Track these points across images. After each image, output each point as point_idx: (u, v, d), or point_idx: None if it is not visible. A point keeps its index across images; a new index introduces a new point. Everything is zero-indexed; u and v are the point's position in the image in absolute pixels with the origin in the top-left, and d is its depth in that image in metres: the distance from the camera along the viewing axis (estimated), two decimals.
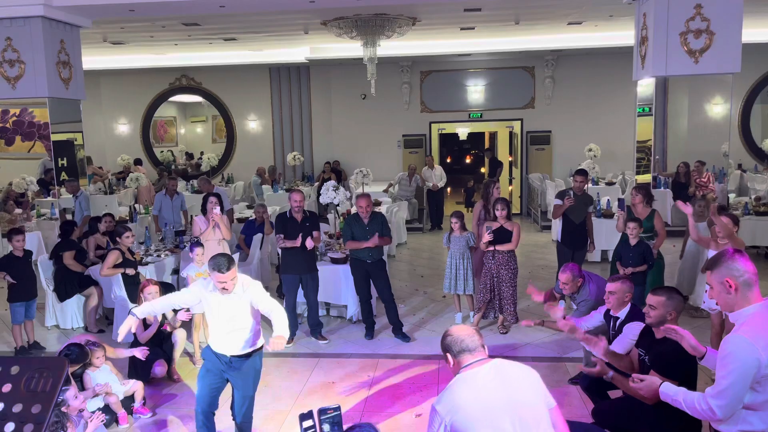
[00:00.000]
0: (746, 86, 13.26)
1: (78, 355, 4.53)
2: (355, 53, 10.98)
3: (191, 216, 8.48)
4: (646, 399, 3.08)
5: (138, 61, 13.63)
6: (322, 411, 2.16)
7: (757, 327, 2.44)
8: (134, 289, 6.00)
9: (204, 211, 6.63)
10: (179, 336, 5.60)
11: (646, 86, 7.64)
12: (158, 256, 7.29)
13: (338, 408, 2.21)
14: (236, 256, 7.21)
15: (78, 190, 8.43)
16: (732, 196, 10.83)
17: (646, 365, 3.40)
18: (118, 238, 6.35)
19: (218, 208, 6.47)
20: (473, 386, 2.49)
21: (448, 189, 15.44)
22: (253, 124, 15.00)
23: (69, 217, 8.21)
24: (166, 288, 6.50)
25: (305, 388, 5.39)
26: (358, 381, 5.52)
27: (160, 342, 5.49)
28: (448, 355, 2.64)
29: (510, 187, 14.99)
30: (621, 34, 11.33)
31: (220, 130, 15.70)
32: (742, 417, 2.48)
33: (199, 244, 6.07)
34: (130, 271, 6.30)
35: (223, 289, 3.93)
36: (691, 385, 3.17)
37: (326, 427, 2.14)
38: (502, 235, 6.31)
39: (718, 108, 9.96)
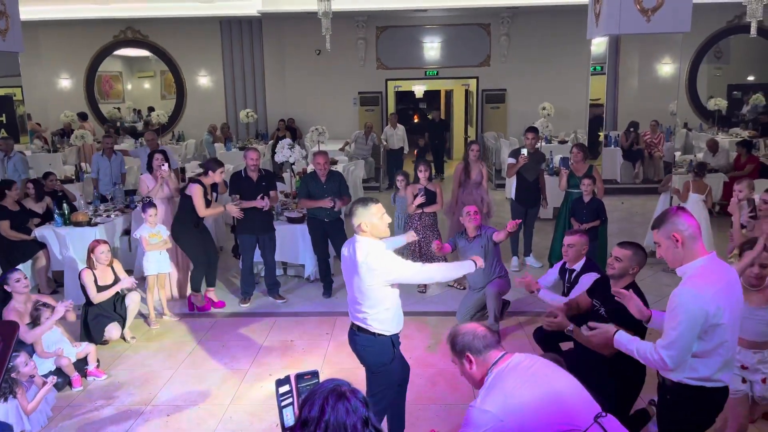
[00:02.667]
0: (694, 46, 13.55)
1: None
2: (310, 6, 10.67)
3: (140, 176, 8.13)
4: (600, 348, 3.20)
5: (80, 12, 12.94)
6: (300, 376, 2.06)
7: (703, 279, 2.55)
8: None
9: (150, 168, 6.42)
10: (133, 298, 5.51)
11: (599, 45, 7.72)
12: (108, 216, 7.08)
13: (316, 373, 2.10)
14: None
15: (12, 149, 8.00)
16: (678, 154, 11.17)
17: (602, 317, 3.51)
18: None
19: (166, 164, 6.29)
20: (524, 380, 2.27)
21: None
22: (203, 80, 14.54)
23: None
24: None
25: (263, 347, 5.41)
26: (316, 338, 5.57)
27: (113, 304, 5.38)
28: (469, 355, 2.38)
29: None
30: None
31: (169, 85, 15.15)
32: (689, 364, 2.61)
33: (152, 204, 5.92)
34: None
35: None
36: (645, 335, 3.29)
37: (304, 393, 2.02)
38: (428, 197, 6.39)
39: (667, 67, 10.17)
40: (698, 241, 2.65)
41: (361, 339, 3.44)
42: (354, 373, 4.85)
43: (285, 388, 1.99)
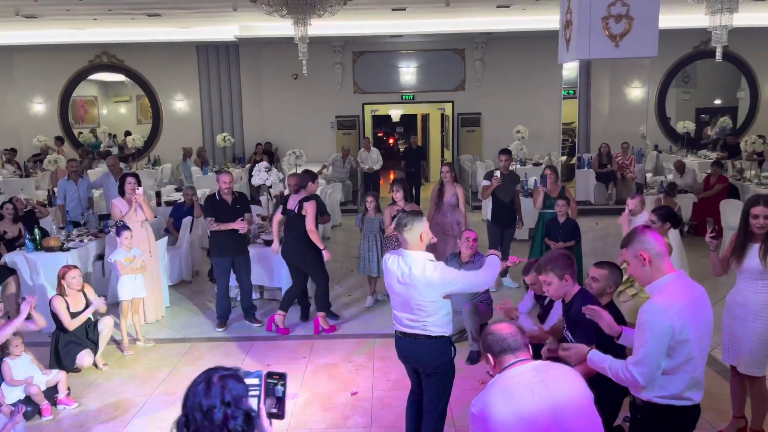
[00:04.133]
0: (662, 71, 13.94)
1: None
2: (287, 32, 10.75)
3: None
4: (580, 369, 3.22)
5: (54, 37, 12.86)
6: (270, 374, 2.16)
7: (669, 296, 2.60)
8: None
9: (122, 193, 6.36)
10: (106, 323, 5.41)
11: (570, 69, 7.90)
12: (81, 241, 6.97)
13: (284, 375, 2.18)
14: (164, 240, 7.05)
15: None
16: (649, 175, 11.40)
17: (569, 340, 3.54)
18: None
19: (140, 188, 6.24)
20: (510, 393, 2.28)
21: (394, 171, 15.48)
22: (180, 104, 14.50)
23: None
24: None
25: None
26: (293, 362, 5.51)
27: (85, 330, 5.28)
28: (489, 355, 2.44)
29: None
30: (548, 18, 11.61)
31: (145, 110, 15.09)
32: (658, 383, 2.64)
33: (126, 227, 5.85)
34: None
35: None
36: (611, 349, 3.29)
37: (278, 389, 2.17)
38: None
39: (637, 91, 10.45)
40: (665, 259, 2.71)
41: (420, 344, 3.49)
42: (330, 397, 4.82)
43: (252, 381, 2.08)
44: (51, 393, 4.69)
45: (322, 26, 11.13)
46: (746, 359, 3.84)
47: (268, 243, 6.91)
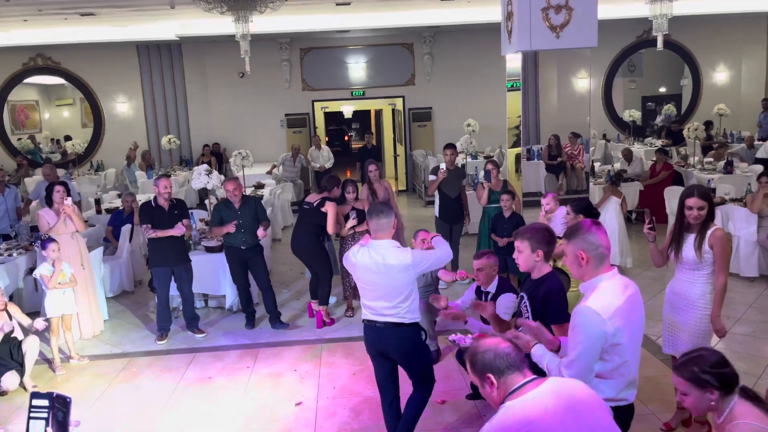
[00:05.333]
0: (608, 61, 14.11)
1: None
2: (229, 29, 10.45)
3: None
4: None
5: None
6: (58, 397, 2.26)
7: (603, 298, 2.50)
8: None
9: (49, 203, 6.02)
10: (31, 343, 5.09)
11: (513, 61, 7.85)
12: (9, 255, 6.59)
13: (68, 402, 2.28)
14: (99, 251, 6.74)
15: None
16: (597, 164, 11.51)
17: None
18: None
19: (69, 198, 5.91)
20: (535, 421, 1.91)
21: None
22: (122, 107, 13.99)
23: None
24: None
25: (179, 386, 5.10)
26: (236, 373, 5.31)
27: (9, 350, 4.96)
28: (490, 376, 2.02)
29: (394, 175, 15.12)
30: (492, 10, 11.55)
31: (89, 113, 14.50)
32: (593, 385, 2.55)
33: (51, 239, 5.52)
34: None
35: None
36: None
37: (59, 414, 2.25)
38: (358, 216, 6.25)
39: (582, 81, 10.51)
40: (605, 261, 2.61)
41: (398, 333, 3.67)
42: (273, 409, 4.64)
43: (41, 402, 2.22)
44: None
45: (266, 23, 10.85)
46: (684, 349, 3.79)
47: (210, 249, 6.68)
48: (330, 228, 6.19)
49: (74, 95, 14.59)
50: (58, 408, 2.19)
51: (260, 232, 6.09)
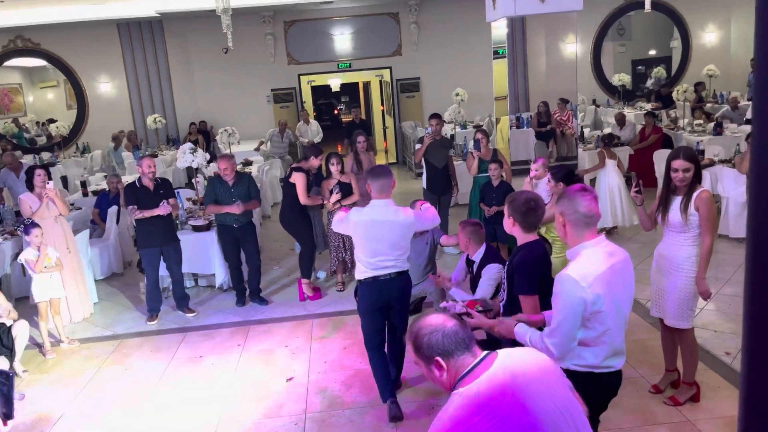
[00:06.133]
0: (596, 25, 13.93)
1: None
2: (210, 4, 10.24)
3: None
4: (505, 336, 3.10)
5: None
6: (1, 372, 2.35)
7: (585, 266, 2.46)
8: None
9: (30, 187, 5.93)
10: (20, 327, 5.05)
11: (499, 28, 7.73)
12: None
13: (10, 376, 2.38)
14: (85, 233, 6.67)
15: None
16: (587, 130, 11.44)
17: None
18: None
19: (51, 182, 5.82)
20: (493, 406, 1.68)
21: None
22: (105, 87, 13.77)
23: None
24: None
25: (170, 366, 5.10)
26: (227, 351, 5.30)
27: None
28: (439, 360, 1.78)
29: (384, 143, 15.02)
30: None
31: (74, 95, 14.26)
32: (576, 353, 2.54)
33: (34, 224, 5.45)
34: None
35: None
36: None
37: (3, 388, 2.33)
38: (343, 190, 6.22)
39: (571, 47, 10.37)
40: (589, 228, 2.54)
41: (403, 279, 4.04)
42: (264, 386, 4.65)
43: None
44: None
45: None
46: (671, 312, 3.82)
47: (198, 228, 6.62)
48: (301, 199, 6.15)
49: (57, 77, 14.33)
50: (2, 382, 2.21)
51: (253, 203, 6.08)
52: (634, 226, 7.41)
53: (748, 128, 9.08)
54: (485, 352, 1.82)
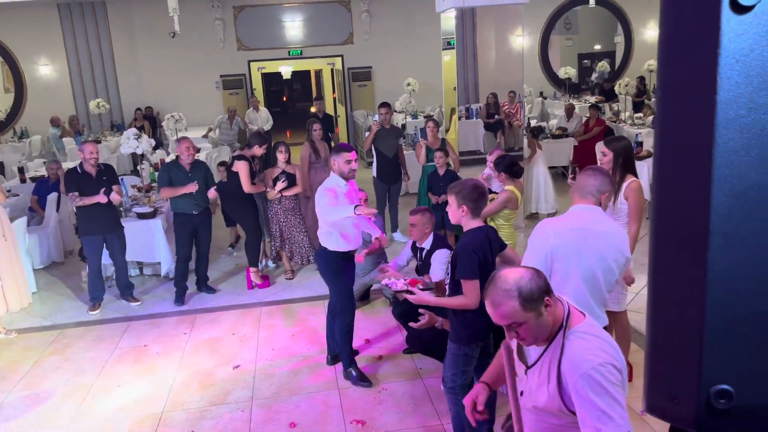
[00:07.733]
0: (544, 18, 14.22)
1: None
2: None
3: None
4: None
5: None
6: None
7: (562, 218, 2.76)
8: None
9: None
10: None
11: (448, 19, 7.82)
12: None
13: None
14: (23, 221, 6.45)
15: None
16: (534, 121, 11.70)
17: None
18: None
19: None
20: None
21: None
22: (45, 70, 13.24)
23: None
24: None
25: (113, 356, 5.00)
26: (172, 340, 5.24)
27: None
28: (548, 299, 1.84)
29: (336, 130, 14.96)
30: None
31: (11, 78, 13.64)
32: None
33: None
34: None
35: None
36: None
37: None
38: (288, 179, 6.19)
39: (519, 39, 10.58)
40: (587, 198, 2.79)
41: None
42: (210, 373, 4.62)
43: None
44: None
45: None
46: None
47: (142, 216, 6.48)
48: (245, 188, 6.08)
49: None
50: None
51: (211, 192, 6.02)
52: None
53: None
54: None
